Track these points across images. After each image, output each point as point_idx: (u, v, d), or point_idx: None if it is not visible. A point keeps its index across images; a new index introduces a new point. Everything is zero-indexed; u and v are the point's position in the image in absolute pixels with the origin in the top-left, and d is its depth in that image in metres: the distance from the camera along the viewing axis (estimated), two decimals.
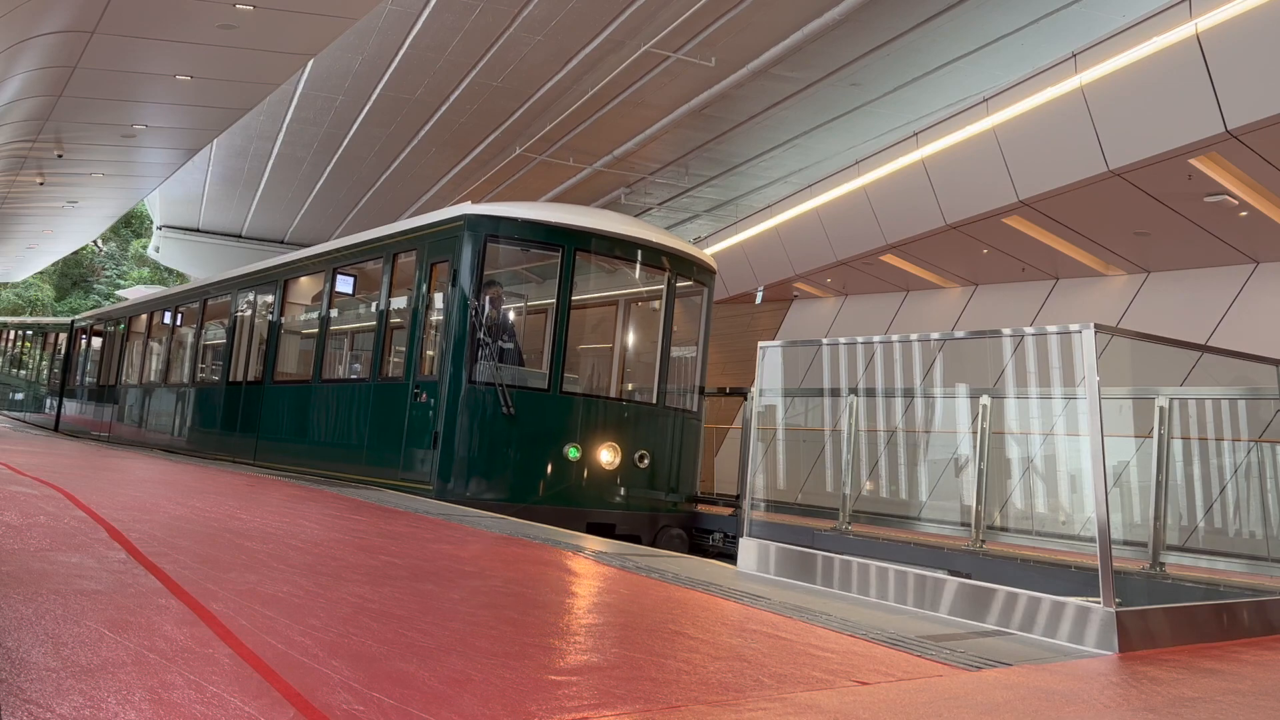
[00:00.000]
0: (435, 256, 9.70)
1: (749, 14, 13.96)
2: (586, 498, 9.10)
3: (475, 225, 9.29)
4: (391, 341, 10.60)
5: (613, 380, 10.33)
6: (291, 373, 12.99)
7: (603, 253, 9.67)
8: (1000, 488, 9.37)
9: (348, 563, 4.70)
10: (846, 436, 9.11)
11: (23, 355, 30.26)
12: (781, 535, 7.31)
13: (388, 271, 10.59)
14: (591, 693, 2.73)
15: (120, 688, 2.33)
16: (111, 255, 49.89)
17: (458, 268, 9.26)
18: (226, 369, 14.42)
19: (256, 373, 13.48)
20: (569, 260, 9.32)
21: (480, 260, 9.24)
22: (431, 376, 9.34)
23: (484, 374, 9.02)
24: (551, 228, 9.38)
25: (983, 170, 13.13)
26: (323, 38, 12.85)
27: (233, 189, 25.88)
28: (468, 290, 9.19)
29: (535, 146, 20.04)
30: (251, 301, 14.04)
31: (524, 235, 9.45)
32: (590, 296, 10.61)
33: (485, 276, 9.39)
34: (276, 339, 12.90)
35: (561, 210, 9.79)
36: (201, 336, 15.94)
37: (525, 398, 9.08)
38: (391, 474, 9.59)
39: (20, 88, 14.43)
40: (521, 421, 8.97)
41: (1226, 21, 9.76)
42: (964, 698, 3.12)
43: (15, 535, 4.45)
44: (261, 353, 13.34)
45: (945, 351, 10.49)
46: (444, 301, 9.42)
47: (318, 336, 11.88)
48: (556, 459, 8.98)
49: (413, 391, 9.45)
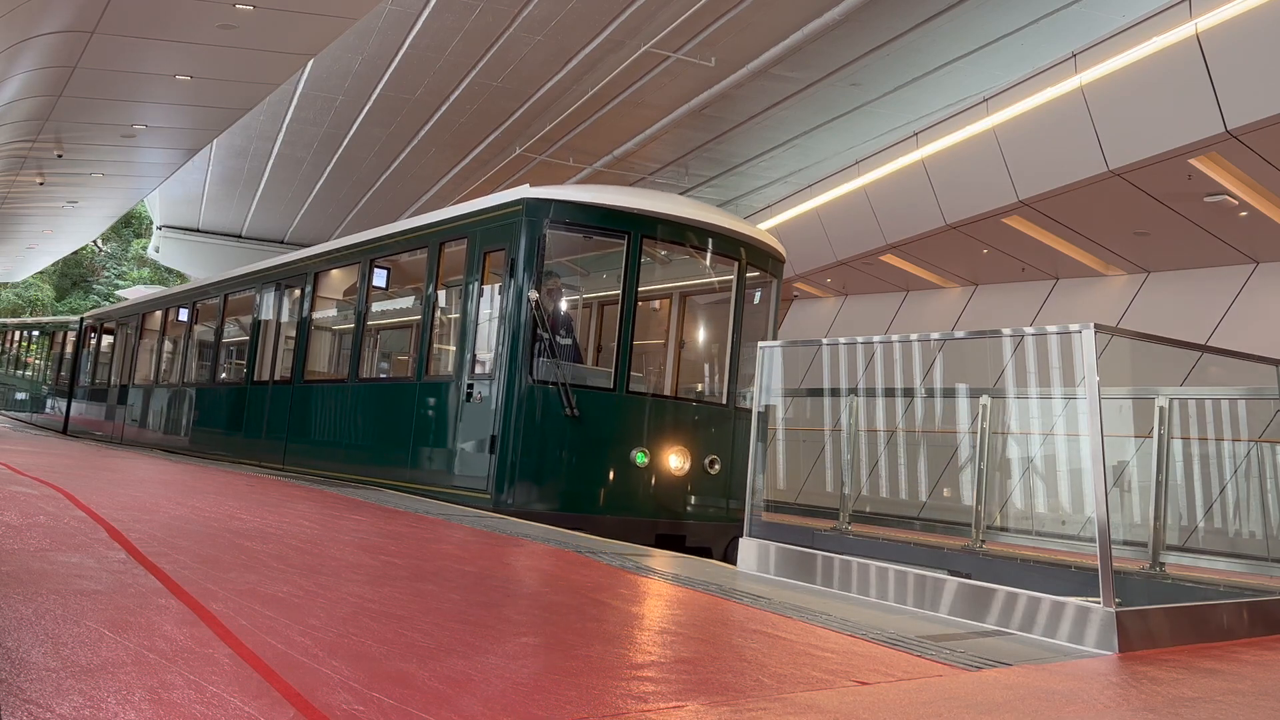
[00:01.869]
0: (489, 244, 9.03)
1: (749, 14, 13.96)
2: (655, 507, 8.43)
3: (535, 210, 8.61)
4: (439, 337, 9.94)
5: (667, 378, 9.70)
6: (324, 371, 12.36)
7: (671, 239, 8.98)
8: (1000, 488, 9.37)
9: (348, 563, 4.70)
10: (846, 436, 9.12)
11: (29, 355, 29.25)
12: (782, 535, 7.30)
13: (433, 262, 9.84)
14: (592, 692, 2.73)
15: (120, 688, 2.33)
16: (111, 255, 49.89)
17: (515, 256, 8.56)
18: (251, 368, 13.59)
19: (284, 372, 12.73)
20: (635, 248, 8.62)
21: (540, 248, 8.56)
22: (487, 374, 8.68)
23: (545, 372, 8.37)
24: (617, 212, 8.68)
25: (983, 170, 13.14)
26: (323, 38, 12.84)
27: (233, 189, 25.87)
28: (527, 280, 8.49)
29: (535, 146, 20.03)
30: (278, 296, 13.24)
31: (586, 220, 8.76)
32: (657, 288, 10.00)
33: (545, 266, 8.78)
34: (306, 336, 12.15)
35: (626, 193, 9.16)
36: (222, 334, 15.11)
37: (589, 398, 8.42)
38: (441, 480, 8.96)
39: (20, 88, 14.43)
40: (586, 424, 8.34)
41: (1226, 21, 9.76)
42: (964, 698, 3.12)
43: (15, 535, 4.45)
44: (290, 351, 12.60)
45: (945, 351, 10.49)
46: (500, 293, 8.75)
47: (354, 333, 11.13)
48: (623, 465, 8.34)
49: (465, 391, 8.80)
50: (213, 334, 15.25)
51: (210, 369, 15.38)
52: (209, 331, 15.55)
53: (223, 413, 14.42)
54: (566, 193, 8.83)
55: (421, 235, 10.22)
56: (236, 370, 15.06)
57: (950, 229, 14.20)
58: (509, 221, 8.81)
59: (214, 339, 15.18)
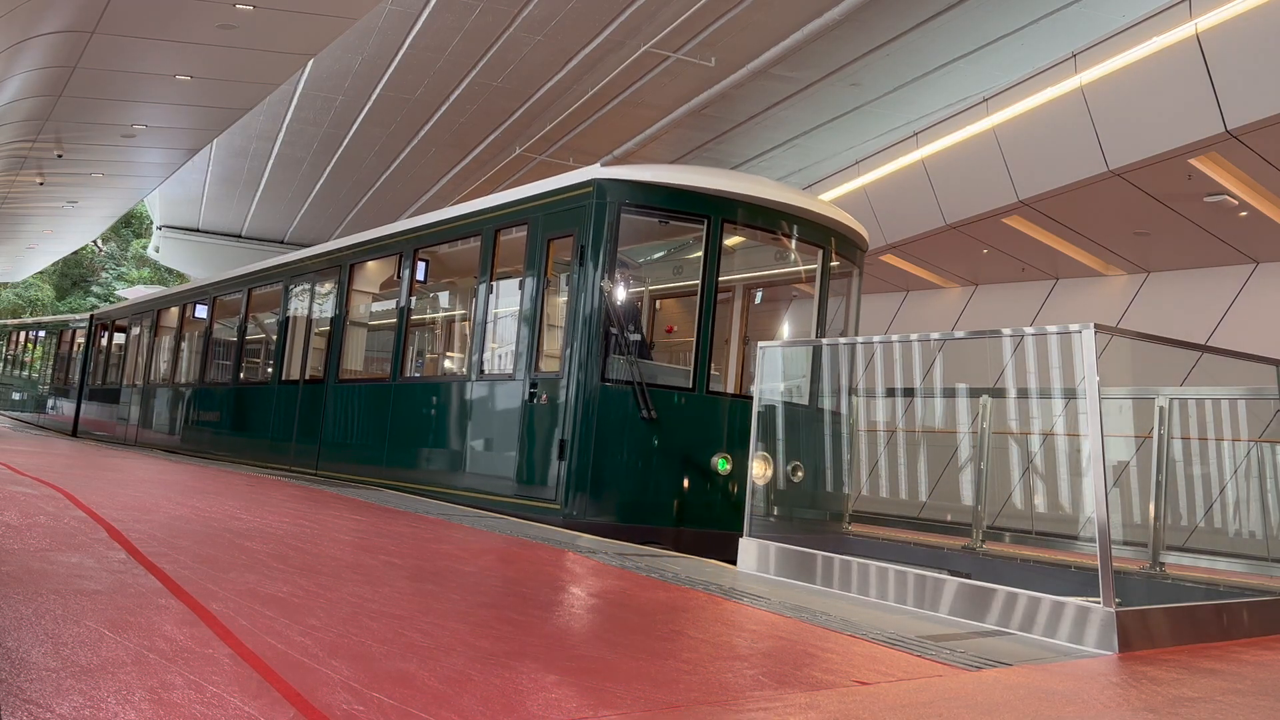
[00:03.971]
0: (554, 230, 8.30)
1: (749, 14, 13.96)
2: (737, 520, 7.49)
3: (607, 191, 7.88)
4: (495, 333, 9.20)
5: (729, 375, 9.07)
6: (362, 370, 11.53)
7: (752, 224, 8.25)
8: (1000, 487, 9.37)
9: (347, 563, 4.70)
10: (846, 437, 9.11)
11: (36, 355, 28.07)
12: None
13: (488, 251, 9.06)
14: (591, 693, 2.73)
15: (120, 688, 2.33)
16: (111, 255, 49.90)
17: (586, 243, 7.84)
18: (279, 366, 12.73)
19: (316, 370, 11.88)
20: (715, 233, 7.90)
21: (614, 233, 7.82)
22: (554, 373, 7.95)
23: (619, 370, 7.68)
24: (697, 194, 7.95)
25: (983, 170, 13.14)
26: (323, 38, 12.85)
27: (233, 189, 25.88)
28: (600, 269, 7.75)
29: (535, 146, 20.04)
30: (309, 290, 12.42)
31: (662, 203, 8.02)
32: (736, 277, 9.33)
33: None
34: (341, 332, 11.30)
35: (703, 173, 8.45)
36: (246, 331, 14.19)
37: (664, 399, 7.69)
38: (500, 490, 8.25)
39: (20, 88, 14.44)
40: (664, 428, 7.61)
41: (1226, 21, 9.76)
42: (964, 698, 3.12)
43: (15, 535, 4.45)
44: (323, 348, 11.75)
45: (945, 351, 10.49)
46: (568, 284, 8.06)
47: (396, 328, 10.28)
48: (704, 474, 7.63)
49: (528, 391, 8.10)
50: (235, 331, 14.44)
51: (233, 368, 14.54)
52: (231, 328, 14.76)
53: (247, 415, 13.58)
54: (641, 172, 8.13)
55: (474, 222, 9.48)
56: (262, 369, 14.43)
57: (950, 229, 14.20)
58: (578, 205, 8.08)
59: (237, 336, 14.38)
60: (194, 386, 15.50)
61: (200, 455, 14.18)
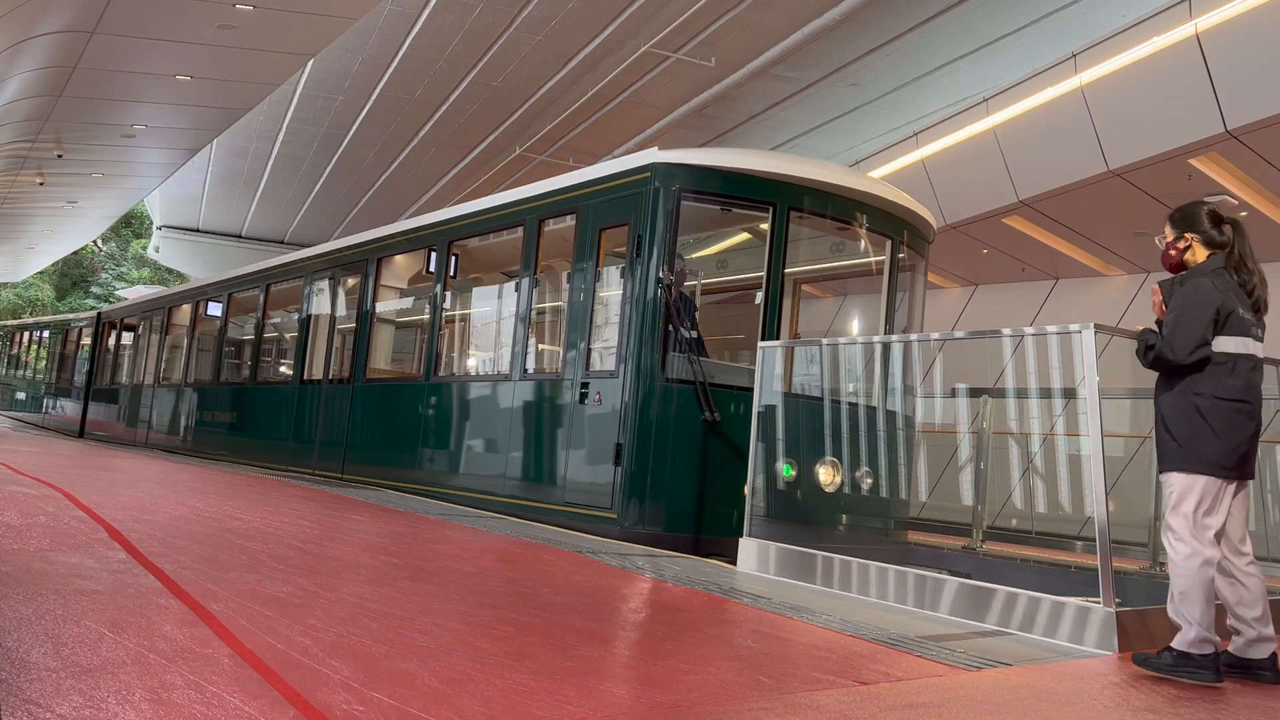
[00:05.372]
0: (605, 219, 7.81)
1: (749, 14, 13.96)
2: None
3: (667, 176, 7.39)
4: (539, 329, 8.80)
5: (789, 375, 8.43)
6: (390, 369, 11.08)
7: (821, 212, 7.72)
8: (1000, 487, 9.37)
9: (347, 562, 4.70)
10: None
11: (40, 355, 27.34)
12: None
13: (532, 242, 8.57)
14: (591, 693, 2.73)
15: (120, 688, 2.33)
16: (111, 255, 49.90)
17: (643, 232, 7.34)
18: (300, 365, 12.16)
19: (341, 370, 11.39)
20: (781, 222, 7.42)
21: (674, 222, 7.33)
22: (608, 371, 7.44)
23: (680, 369, 7.17)
24: (763, 180, 7.45)
25: (983, 170, 13.14)
26: (323, 38, 12.85)
27: (233, 189, 25.87)
28: (658, 261, 7.26)
29: (535, 146, 20.04)
30: (333, 286, 11.87)
31: (725, 190, 7.55)
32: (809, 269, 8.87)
33: None
34: (369, 329, 10.79)
35: (767, 157, 7.95)
36: (264, 329, 13.64)
37: (725, 399, 7.19)
38: (546, 497, 7.75)
39: (20, 88, 14.44)
40: (726, 430, 7.09)
41: (1226, 21, 9.76)
42: (964, 698, 3.12)
43: (15, 535, 4.45)
44: (349, 346, 11.25)
45: (945, 351, 10.49)
46: (622, 276, 7.57)
47: (429, 325, 9.80)
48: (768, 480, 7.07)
49: (579, 391, 7.60)
50: (253, 329, 13.92)
51: (250, 367, 14.04)
52: (247, 326, 14.29)
53: (266, 416, 13.00)
54: (702, 156, 7.65)
55: (517, 212, 8.95)
56: (282, 368, 13.94)
57: (950, 229, 14.20)
58: (634, 191, 7.57)
59: (254, 334, 13.85)
60: (208, 386, 14.94)
61: (215, 458, 13.61)
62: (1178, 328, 3.86)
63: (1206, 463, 3.79)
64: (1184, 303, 3.91)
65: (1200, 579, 3.72)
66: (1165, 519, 3.89)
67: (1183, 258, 4.12)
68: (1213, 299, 3.87)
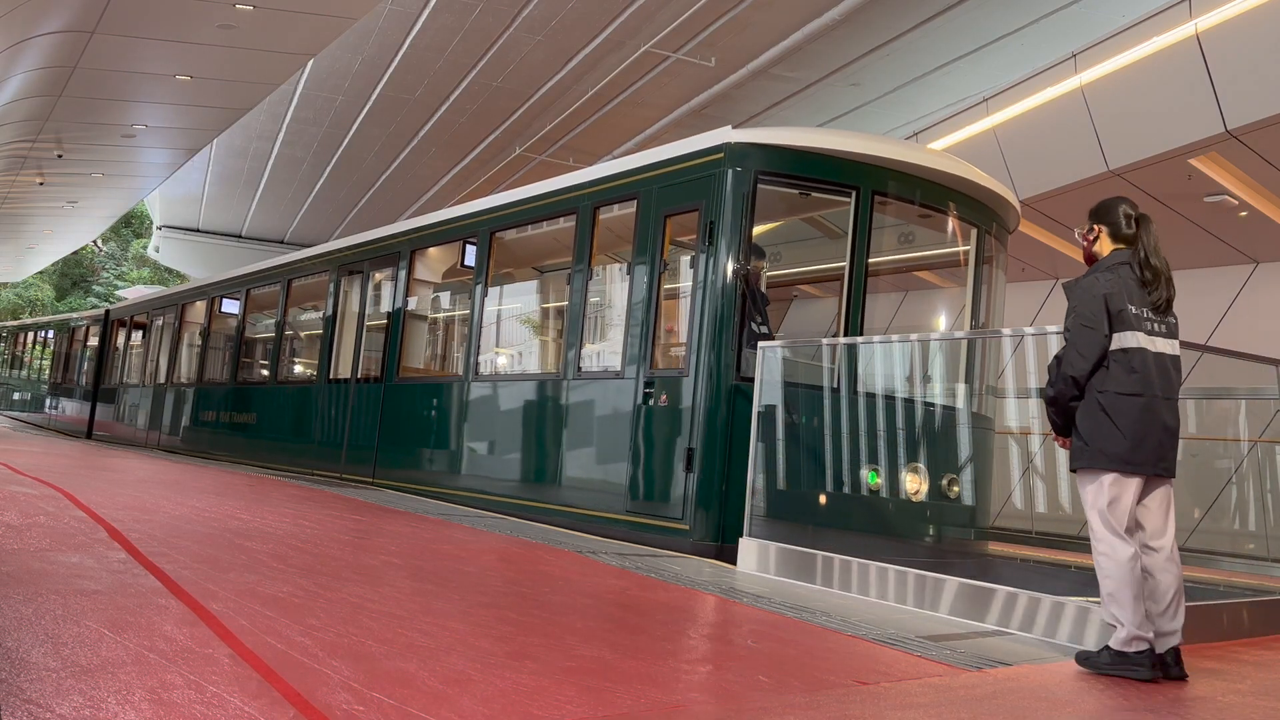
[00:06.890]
0: (671, 205, 7.21)
1: (749, 14, 13.96)
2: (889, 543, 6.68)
3: (741, 157, 6.80)
4: (594, 324, 8.24)
5: None
6: (426, 368, 10.54)
7: (907, 197, 7.17)
8: (1000, 487, 9.36)
9: (347, 563, 4.70)
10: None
11: (45, 354, 26.61)
12: None
13: (585, 230, 7.96)
14: (591, 693, 2.73)
15: (120, 688, 2.33)
16: (111, 255, 49.90)
17: (716, 218, 6.76)
18: (325, 364, 11.54)
19: (371, 369, 10.78)
20: (865, 207, 6.87)
21: (750, 206, 6.73)
22: (677, 370, 6.89)
23: (754, 367, 6.60)
24: (846, 161, 6.90)
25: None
26: (323, 38, 12.84)
27: (233, 189, 25.88)
28: (733, 250, 6.70)
29: (535, 146, 20.04)
30: (362, 280, 11.23)
31: (805, 172, 6.98)
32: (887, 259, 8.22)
33: None
34: (401, 325, 10.21)
35: (848, 136, 7.42)
36: (284, 326, 13.03)
37: (805, 400, 6.63)
38: (610, 506, 7.17)
39: (20, 88, 14.43)
40: (806, 434, 6.59)
41: (1226, 21, 9.76)
42: (964, 698, 3.12)
43: (15, 535, 4.45)
44: (380, 344, 10.62)
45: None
46: (690, 266, 7.01)
47: (470, 320, 9.16)
48: (851, 488, 6.65)
49: (643, 391, 7.02)
50: (273, 326, 13.23)
51: (270, 366, 13.47)
52: (266, 323, 13.68)
53: (288, 417, 12.33)
54: (778, 135, 7.08)
55: (569, 198, 8.33)
56: (305, 367, 13.34)
57: None
58: (705, 174, 6.99)
59: (275, 332, 13.18)
60: (223, 386, 14.39)
61: (235, 462, 12.98)
62: (1076, 336, 3.92)
63: (1111, 458, 3.81)
64: (1075, 302, 3.99)
65: (1126, 577, 3.75)
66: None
67: (1092, 249, 4.18)
68: (1098, 293, 3.93)
